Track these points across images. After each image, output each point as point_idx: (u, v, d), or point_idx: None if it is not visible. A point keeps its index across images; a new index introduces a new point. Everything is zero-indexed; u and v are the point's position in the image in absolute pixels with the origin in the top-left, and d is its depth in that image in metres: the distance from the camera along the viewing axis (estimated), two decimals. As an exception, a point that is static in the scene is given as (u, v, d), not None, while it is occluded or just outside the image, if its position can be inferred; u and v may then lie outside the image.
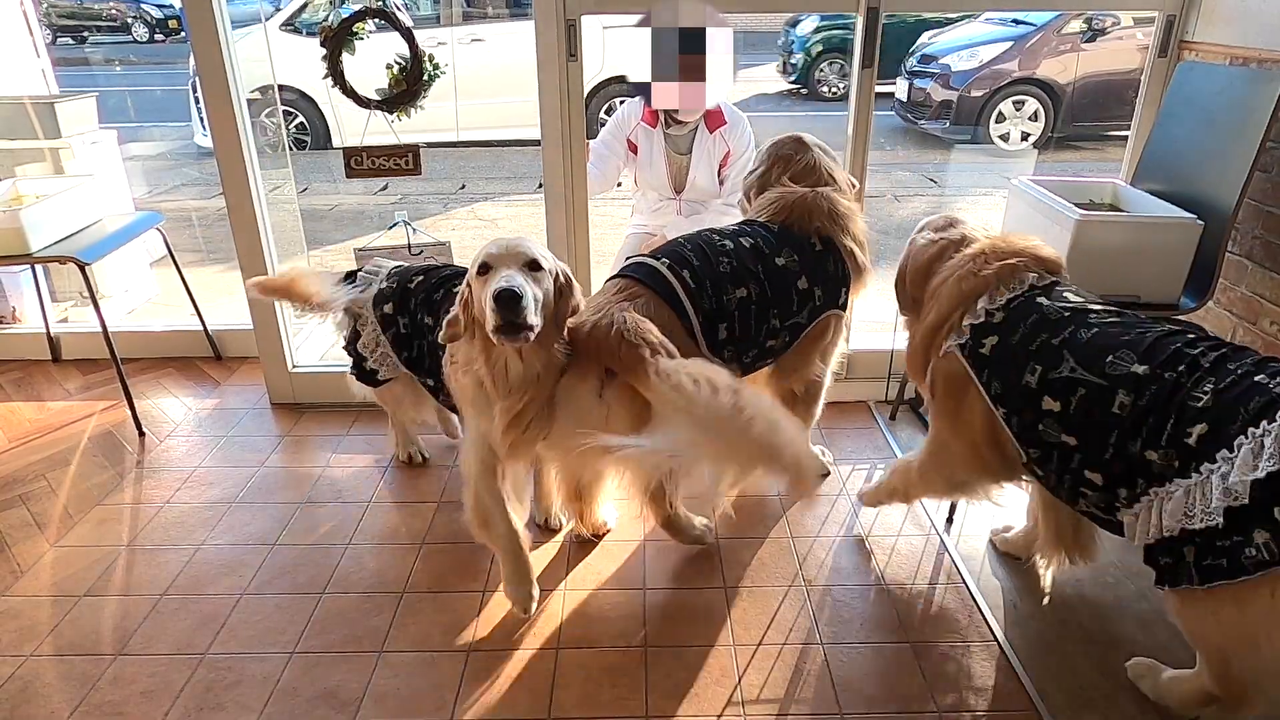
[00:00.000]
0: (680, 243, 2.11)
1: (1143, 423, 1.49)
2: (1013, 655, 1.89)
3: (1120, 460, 1.53)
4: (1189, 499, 1.41)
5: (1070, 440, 1.61)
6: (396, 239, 2.83)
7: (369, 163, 2.72)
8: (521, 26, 6.02)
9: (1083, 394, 1.58)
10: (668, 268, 2.00)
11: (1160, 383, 1.50)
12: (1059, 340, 1.66)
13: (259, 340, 3.01)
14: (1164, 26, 2.66)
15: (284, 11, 6.71)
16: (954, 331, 1.84)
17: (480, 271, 1.76)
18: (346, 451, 2.76)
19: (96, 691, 1.82)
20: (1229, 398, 1.41)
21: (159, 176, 6.75)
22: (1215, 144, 2.30)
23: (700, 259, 2.03)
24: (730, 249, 2.08)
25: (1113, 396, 1.53)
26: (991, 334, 1.76)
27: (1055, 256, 1.87)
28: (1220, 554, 1.37)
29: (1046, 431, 1.65)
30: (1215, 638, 1.48)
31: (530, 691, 1.82)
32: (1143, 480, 1.50)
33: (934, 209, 6.07)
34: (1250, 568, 1.33)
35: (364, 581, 2.15)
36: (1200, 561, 1.40)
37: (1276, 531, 1.30)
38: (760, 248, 2.11)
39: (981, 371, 1.77)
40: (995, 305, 1.79)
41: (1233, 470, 1.34)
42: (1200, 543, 1.40)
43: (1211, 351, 1.51)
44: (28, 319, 3.51)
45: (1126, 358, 1.56)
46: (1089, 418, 1.57)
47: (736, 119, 3.19)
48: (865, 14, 2.58)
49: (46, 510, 2.46)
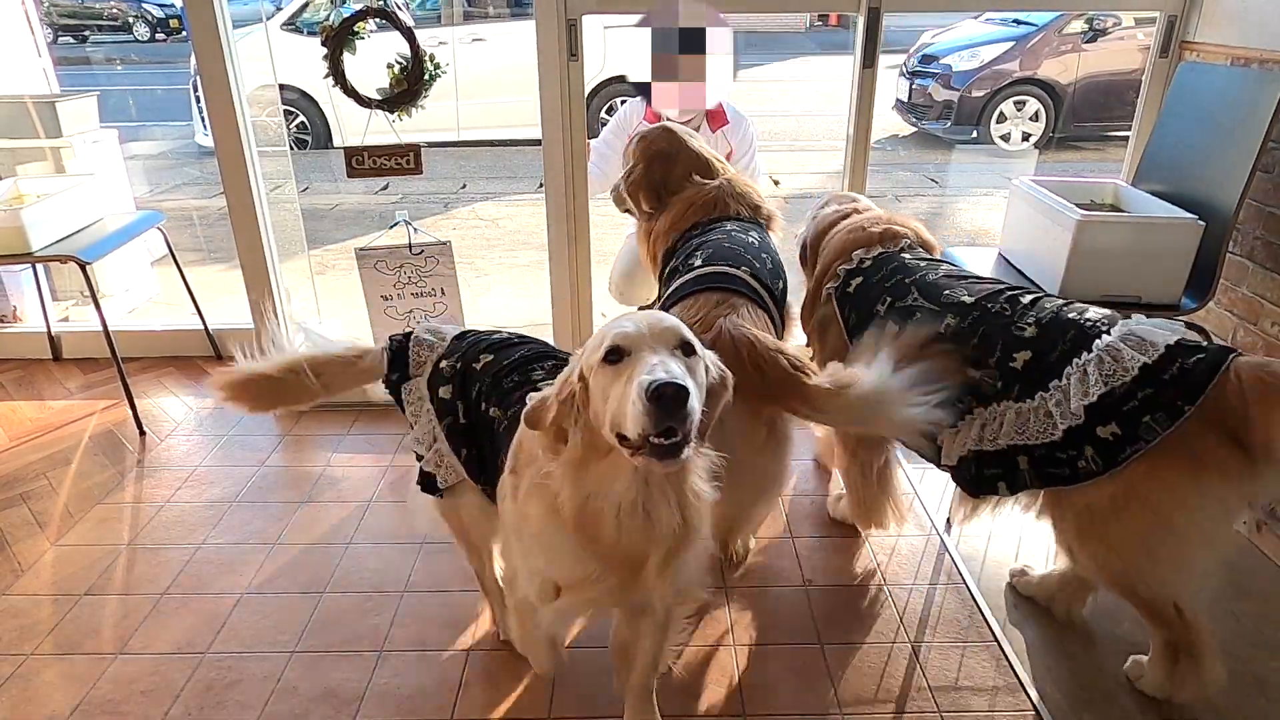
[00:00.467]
0: (725, 247, 2.05)
1: (967, 344, 1.72)
2: (1013, 655, 1.89)
3: None
4: (1020, 419, 1.64)
5: None
6: (397, 238, 2.83)
7: (370, 162, 2.72)
8: (522, 26, 6.01)
9: (917, 318, 1.80)
10: (750, 274, 1.94)
11: (983, 310, 1.74)
12: (910, 280, 1.90)
13: (259, 340, 3.00)
14: (1165, 27, 2.66)
15: (285, 11, 6.71)
16: (832, 279, 2.06)
17: (610, 359, 1.21)
18: (347, 451, 2.76)
19: (97, 690, 1.82)
20: (1048, 330, 1.66)
21: (160, 176, 6.75)
22: (1216, 144, 2.30)
23: (753, 257, 2.03)
24: (753, 244, 2.10)
25: (941, 319, 1.77)
26: (858, 276, 2.00)
27: (934, 242, 2.11)
28: (1061, 464, 1.60)
29: None
30: (1112, 561, 1.64)
31: (530, 691, 1.82)
32: (969, 399, 1.70)
33: (935, 209, 6.07)
34: (1082, 476, 1.57)
35: (364, 581, 2.15)
36: (1041, 470, 1.63)
37: (1100, 447, 1.54)
38: (756, 235, 2.16)
39: (844, 308, 1.99)
40: (868, 255, 2.02)
41: (1069, 397, 1.57)
42: (1041, 455, 1.62)
43: (1028, 295, 1.76)
44: (28, 318, 3.51)
45: (960, 291, 1.81)
46: None
47: (738, 119, 3.19)
48: (866, 14, 2.58)
49: (47, 509, 2.46)
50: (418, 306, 2.88)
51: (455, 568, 2.19)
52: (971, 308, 1.76)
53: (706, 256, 2.01)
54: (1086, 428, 1.55)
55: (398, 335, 1.83)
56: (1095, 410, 1.54)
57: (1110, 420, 1.53)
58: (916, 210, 5.90)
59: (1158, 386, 1.50)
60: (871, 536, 2.30)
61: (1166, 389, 1.49)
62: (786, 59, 11.51)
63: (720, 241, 2.08)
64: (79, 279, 3.00)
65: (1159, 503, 1.52)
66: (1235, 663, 1.81)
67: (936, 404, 1.57)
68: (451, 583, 2.14)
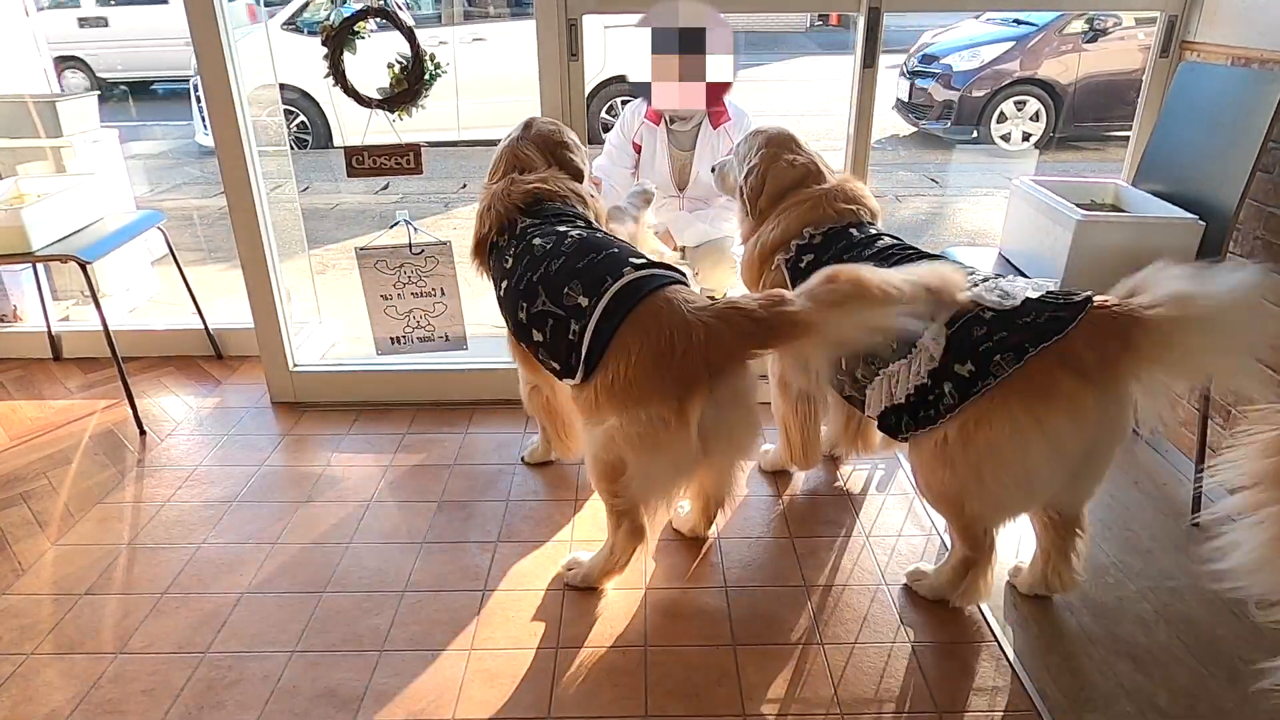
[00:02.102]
0: (584, 258, 2.00)
1: None
2: (1013, 655, 1.89)
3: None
4: (908, 371, 1.81)
5: None
6: (398, 238, 2.83)
7: (370, 162, 2.72)
8: (523, 26, 6.01)
9: None
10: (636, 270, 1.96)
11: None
12: (849, 257, 2.04)
13: (260, 339, 3.01)
14: (1165, 27, 2.66)
15: (285, 10, 6.72)
16: (784, 249, 2.18)
17: None
18: (347, 451, 2.76)
19: (97, 690, 1.82)
20: None
21: (160, 175, 6.75)
22: (1217, 145, 2.30)
23: (615, 248, 2.03)
24: (601, 237, 2.08)
25: None
26: (810, 253, 2.13)
27: (877, 208, 2.27)
28: (929, 406, 1.79)
29: None
30: (949, 482, 1.81)
31: (530, 691, 1.82)
32: (876, 360, 1.89)
33: (935, 209, 6.07)
34: (943, 411, 1.76)
35: (364, 581, 2.15)
36: (915, 414, 1.82)
37: (957, 382, 1.73)
38: (590, 229, 2.15)
39: (795, 281, 2.07)
40: (818, 231, 2.16)
41: (928, 338, 1.77)
42: (916, 401, 1.81)
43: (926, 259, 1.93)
44: (29, 317, 3.52)
45: (870, 259, 1.97)
46: None
47: (740, 115, 3.19)
48: (866, 14, 2.58)
49: (47, 508, 2.47)
50: (418, 306, 2.88)
51: (455, 567, 2.19)
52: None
53: (590, 260, 1.99)
54: (946, 366, 1.74)
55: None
56: (951, 350, 1.74)
57: (967, 360, 1.72)
58: (916, 210, 5.89)
59: (1010, 330, 1.70)
60: (872, 536, 2.30)
61: (1018, 333, 1.69)
62: (787, 59, 11.50)
63: (586, 242, 2.04)
64: (79, 278, 3.00)
65: (997, 433, 1.70)
66: (1240, 664, 1.81)
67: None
68: (451, 583, 2.14)
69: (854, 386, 2.00)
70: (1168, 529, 2.31)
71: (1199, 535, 2.27)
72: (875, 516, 2.39)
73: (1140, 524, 2.31)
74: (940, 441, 1.79)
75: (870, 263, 1.89)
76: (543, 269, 2.02)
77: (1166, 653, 1.83)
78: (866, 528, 2.34)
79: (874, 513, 2.40)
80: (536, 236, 2.12)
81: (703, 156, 3.16)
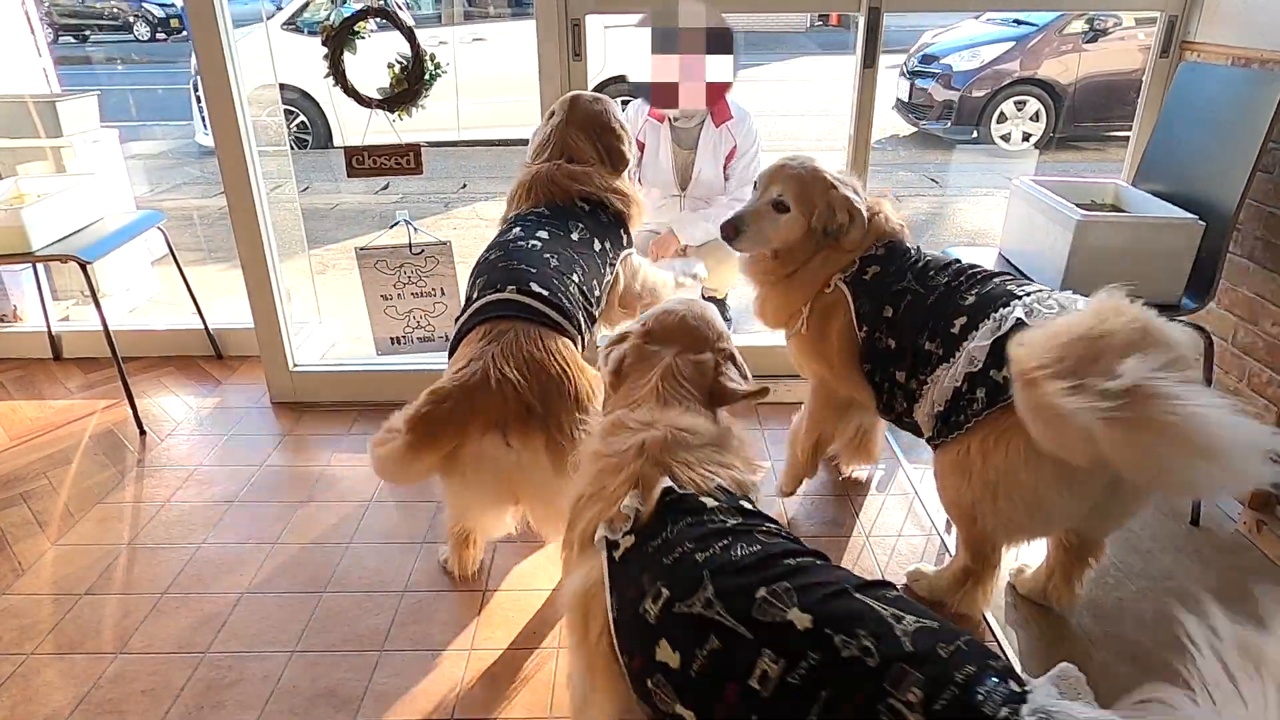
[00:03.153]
0: (493, 262, 2.01)
1: (926, 316, 1.89)
2: (1013, 655, 1.89)
3: (913, 353, 1.90)
4: (948, 375, 1.79)
5: (891, 343, 1.96)
6: (398, 238, 2.83)
7: (370, 162, 2.72)
8: (523, 26, 6.01)
9: (908, 300, 1.95)
10: (516, 291, 1.90)
11: (948, 289, 1.90)
12: (925, 276, 1.99)
13: (260, 339, 3.01)
14: (1165, 27, 2.66)
15: (285, 10, 6.72)
16: (841, 270, 2.10)
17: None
18: (347, 451, 2.76)
19: (97, 690, 1.82)
20: (986, 297, 1.83)
21: (160, 175, 6.75)
22: (1217, 145, 2.30)
23: (532, 264, 1.97)
24: (538, 245, 2.04)
25: (925, 299, 1.92)
26: (875, 264, 2.08)
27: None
28: (960, 410, 1.76)
29: (879, 339, 1.98)
30: (965, 493, 1.76)
31: (530, 691, 1.82)
32: (924, 371, 1.87)
33: (935, 209, 6.07)
34: (970, 416, 1.72)
35: (364, 581, 2.15)
36: (946, 418, 1.80)
37: (990, 388, 1.69)
38: (555, 231, 2.11)
39: (858, 296, 2.05)
40: (880, 242, 2.10)
41: (974, 344, 1.75)
42: (948, 405, 1.79)
43: (991, 276, 1.92)
44: (29, 317, 3.51)
45: (942, 275, 1.95)
46: (908, 316, 1.94)
47: (742, 114, 3.19)
48: (866, 14, 2.58)
49: (47, 508, 2.46)
50: (418, 306, 2.88)
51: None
52: (943, 285, 1.93)
53: (487, 274, 1.98)
54: (984, 371, 1.71)
55: None
56: (993, 355, 1.70)
57: (1002, 366, 1.66)
58: (916, 210, 5.89)
59: None
60: (872, 536, 2.30)
61: None
62: (787, 59, 11.50)
63: (503, 250, 2.04)
64: (79, 278, 3.00)
65: (1014, 454, 1.65)
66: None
67: None
68: (451, 583, 2.14)
69: (904, 402, 1.96)
70: (1168, 529, 2.31)
71: (1199, 536, 2.27)
72: (875, 516, 2.39)
73: (1140, 524, 2.31)
74: (963, 451, 1.75)
75: (949, 284, 1.91)
76: (482, 257, 2.07)
77: (1167, 653, 1.83)
78: (866, 527, 2.34)
79: (874, 513, 2.40)
80: (518, 226, 2.12)
81: (705, 155, 3.16)
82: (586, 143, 2.30)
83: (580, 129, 2.30)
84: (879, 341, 1.99)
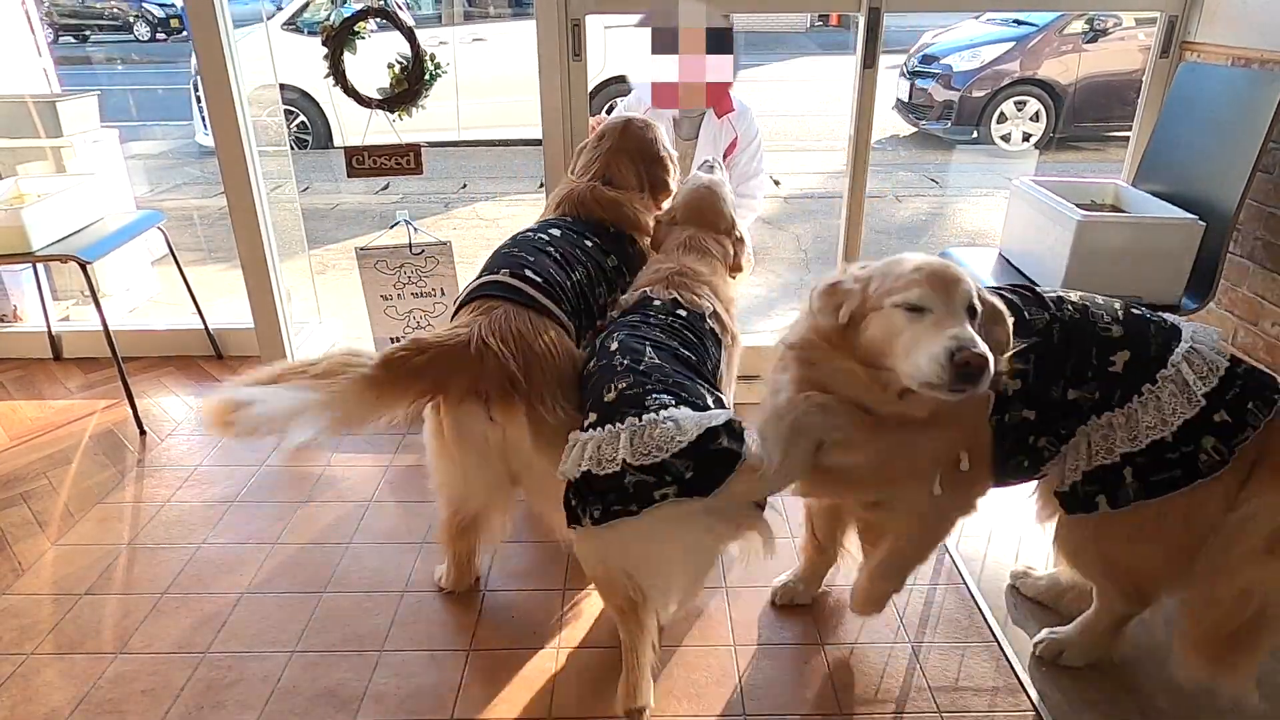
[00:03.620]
0: (500, 251, 2.04)
1: (1064, 363, 1.58)
2: (1013, 655, 1.89)
3: (1056, 407, 1.60)
4: (1130, 424, 1.55)
5: (1030, 415, 1.61)
6: (398, 238, 2.83)
7: (370, 162, 2.72)
8: (523, 26, 6.02)
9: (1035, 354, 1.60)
10: (510, 275, 1.91)
11: (1059, 322, 1.60)
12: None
13: (260, 339, 3.01)
14: (1165, 27, 2.66)
15: (285, 10, 6.72)
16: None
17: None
18: (347, 451, 2.76)
19: (97, 690, 1.82)
20: (1130, 326, 1.60)
21: (160, 175, 6.76)
22: (1217, 145, 2.30)
23: (534, 255, 2.00)
24: (545, 240, 2.07)
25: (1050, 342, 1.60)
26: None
27: None
28: (1172, 466, 1.52)
29: (1013, 402, 1.61)
30: (1127, 558, 1.63)
31: (530, 691, 1.82)
32: (1071, 422, 1.60)
33: (935, 209, 6.06)
34: (1204, 470, 1.50)
35: (364, 581, 2.15)
36: (1146, 478, 1.54)
37: (1221, 435, 1.50)
38: (570, 233, 2.13)
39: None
40: None
41: (1183, 390, 1.53)
42: (1144, 462, 1.53)
43: (1064, 294, 1.68)
44: (29, 317, 3.51)
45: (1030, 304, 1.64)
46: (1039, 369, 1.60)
47: (744, 108, 3.19)
48: (866, 14, 2.58)
49: (47, 508, 2.46)
50: (418, 306, 2.88)
51: (455, 567, 2.19)
52: (1050, 321, 1.62)
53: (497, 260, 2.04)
54: (1205, 416, 1.51)
55: None
56: (1210, 400, 1.52)
57: (1220, 409, 1.51)
58: (916, 210, 5.89)
59: (1244, 379, 1.54)
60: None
61: (1251, 381, 1.54)
62: (787, 59, 11.51)
63: (517, 240, 2.10)
64: (79, 278, 3.00)
65: (1205, 511, 1.52)
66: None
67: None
68: (451, 583, 2.14)
69: (1027, 463, 1.67)
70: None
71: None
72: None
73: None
74: (1153, 516, 1.55)
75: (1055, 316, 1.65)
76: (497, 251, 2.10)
77: (1166, 653, 1.83)
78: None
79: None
80: (537, 225, 2.17)
81: (705, 146, 3.16)
82: (630, 169, 2.29)
83: (628, 155, 2.29)
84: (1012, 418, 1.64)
